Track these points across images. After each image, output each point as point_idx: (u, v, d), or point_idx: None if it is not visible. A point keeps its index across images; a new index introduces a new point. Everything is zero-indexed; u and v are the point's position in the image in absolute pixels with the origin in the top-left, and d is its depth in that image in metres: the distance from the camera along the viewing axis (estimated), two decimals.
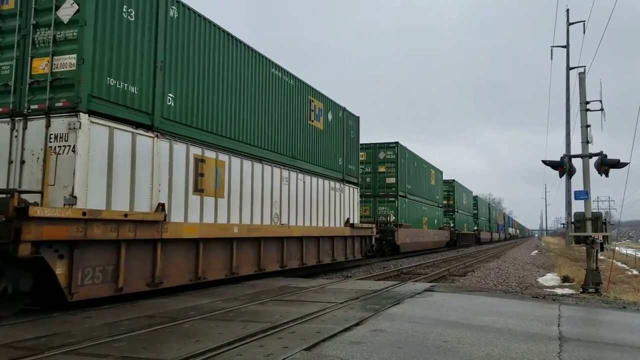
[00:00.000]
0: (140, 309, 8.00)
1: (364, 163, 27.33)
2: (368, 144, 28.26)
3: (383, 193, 27.88)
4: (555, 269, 23.64)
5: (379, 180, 28.10)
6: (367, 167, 27.99)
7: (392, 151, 28.32)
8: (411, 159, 31.15)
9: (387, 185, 27.97)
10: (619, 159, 13.12)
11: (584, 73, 15.02)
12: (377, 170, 28.26)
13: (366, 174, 27.73)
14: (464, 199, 52.34)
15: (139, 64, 9.04)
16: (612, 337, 6.68)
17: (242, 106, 12.36)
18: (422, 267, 21.84)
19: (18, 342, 5.65)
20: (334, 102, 18.09)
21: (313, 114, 16.17)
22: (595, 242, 13.22)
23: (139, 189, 8.89)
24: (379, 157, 28.32)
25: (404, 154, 29.54)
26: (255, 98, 12.94)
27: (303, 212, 15.22)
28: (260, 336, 5.96)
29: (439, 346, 5.61)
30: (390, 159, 28.30)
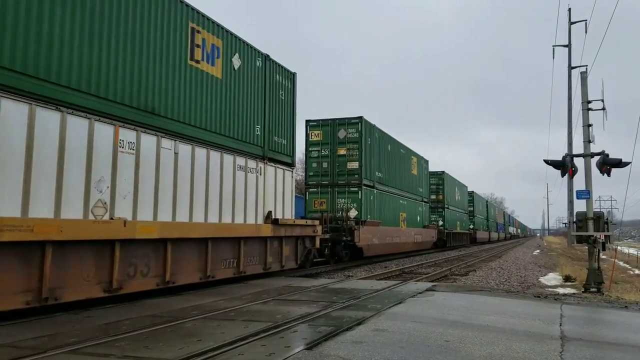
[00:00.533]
0: (142, 308, 8.01)
1: (320, 144, 22.39)
2: (325, 119, 22.60)
3: (343, 182, 21.91)
4: (557, 268, 23.61)
5: (338, 166, 22.20)
6: (323, 149, 22.45)
7: (354, 128, 22.20)
8: (383, 140, 25.00)
9: (349, 172, 22.02)
10: (620, 159, 13.11)
11: (586, 72, 15.00)
12: (336, 153, 22.30)
13: (323, 157, 22.39)
14: (457, 195, 47.08)
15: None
16: (614, 336, 6.67)
17: None
18: (423, 266, 21.83)
19: (20, 341, 5.65)
20: (245, 43, 12.40)
21: (199, 51, 10.68)
22: (597, 241, 13.21)
23: None
24: (338, 136, 22.32)
25: (371, 132, 23.25)
26: None
27: (174, 201, 9.76)
28: (262, 335, 5.96)
29: (440, 346, 5.61)
30: (352, 138, 22.20)
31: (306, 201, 22.71)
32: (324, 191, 22.32)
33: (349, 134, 22.26)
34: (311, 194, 22.56)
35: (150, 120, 9.28)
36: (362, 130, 22.19)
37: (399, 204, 27.57)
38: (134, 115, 8.90)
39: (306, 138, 22.74)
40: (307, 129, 22.78)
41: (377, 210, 23.65)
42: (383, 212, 24.66)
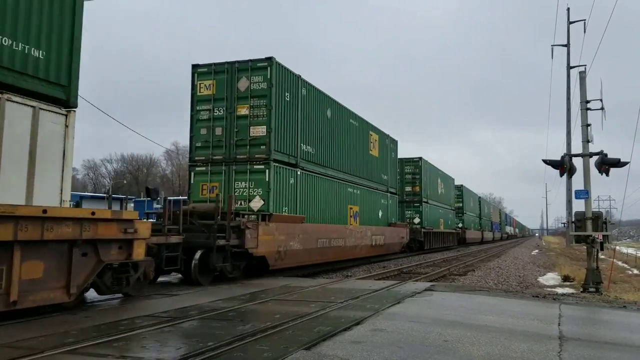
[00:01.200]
0: (140, 308, 8.00)
1: (212, 100, 14.71)
2: (220, 63, 15.02)
3: (243, 157, 14.26)
4: (556, 268, 23.63)
5: (237, 132, 14.43)
6: (217, 107, 14.67)
7: (261, 76, 14.41)
8: (316, 101, 17.15)
9: (252, 142, 14.29)
10: (619, 158, 13.11)
11: (585, 72, 15.01)
12: (235, 113, 14.48)
13: (216, 120, 14.63)
14: (440, 187, 39.14)
15: None
16: (612, 336, 6.67)
17: None
18: (422, 266, 21.83)
19: (18, 341, 5.64)
20: None
21: None
22: (596, 241, 13.21)
23: None
24: (238, 88, 14.56)
25: (290, 84, 15.36)
26: None
27: None
28: (260, 336, 5.95)
29: (439, 345, 5.60)
30: (258, 91, 14.40)
31: (191, 185, 14.98)
32: (217, 170, 14.59)
33: (253, 84, 14.43)
34: (198, 174, 14.80)
35: None
36: (273, 77, 14.26)
37: (347, 193, 19.59)
38: None
39: (192, 92, 15.05)
40: (195, 79, 15.07)
41: (301, 200, 15.72)
42: (315, 203, 16.71)
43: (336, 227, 18.23)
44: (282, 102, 14.79)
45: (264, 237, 13.02)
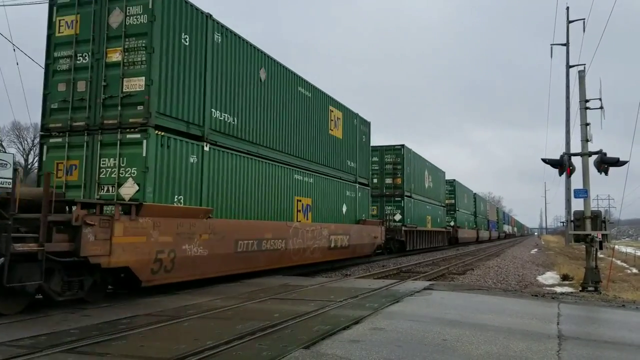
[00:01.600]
0: (139, 307, 7.99)
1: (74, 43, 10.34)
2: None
3: (112, 122, 9.85)
4: (555, 267, 23.65)
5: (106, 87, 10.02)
6: (81, 53, 10.26)
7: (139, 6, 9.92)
8: (239, 53, 12.64)
9: (125, 101, 9.86)
10: (618, 158, 13.12)
11: (584, 71, 15.01)
12: (104, 60, 10.08)
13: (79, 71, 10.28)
14: (428, 181, 34.58)
15: None
16: (611, 335, 6.68)
17: None
18: (421, 265, 21.84)
19: (17, 340, 5.64)
20: None
21: None
22: (595, 240, 13.22)
23: None
24: (109, 24, 10.10)
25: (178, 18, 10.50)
26: None
27: None
28: (259, 335, 5.96)
29: (438, 344, 5.61)
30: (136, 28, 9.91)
31: (42, 164, 10.69)
32: (77, 142, 10.21)
33: (130, 18, 10.12)
34: (53, 148, 10.46)
35: None
36: (156, 9, 9.95)
37: (294, 181, 15.37)
38: None
39: (49, 32, 10.74)
40: (53, 14, 10.75)
41: (211, 187, 11.31)
42: (236, 191, 12.25)
43: (272, 224, 13.71)
44: (176, 47, 10.45)
45: (126, 239, 8.75)
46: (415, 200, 30.96)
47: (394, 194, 28.72)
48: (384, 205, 28.56)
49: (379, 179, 28.62)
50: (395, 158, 29.01)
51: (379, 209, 27.99)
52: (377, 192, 27.74)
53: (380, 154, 28.96)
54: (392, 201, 28.67)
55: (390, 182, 28.82)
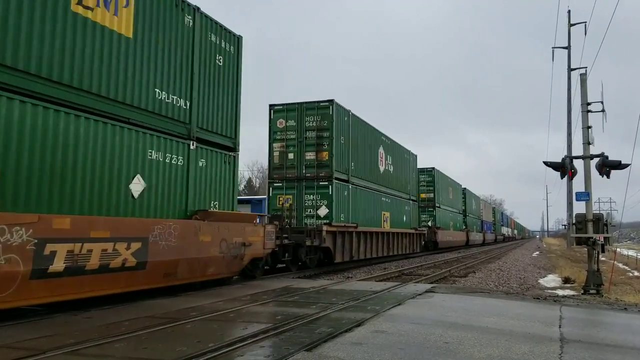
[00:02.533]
0: (141, 309, 8.00)
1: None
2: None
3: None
4: (557, 270, 23.62)
5: None
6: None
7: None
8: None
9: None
10: (620, 161, 13.11)
11: (586, 74, 15.02)
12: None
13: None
14: (385, 164, 24.67)
15: None
16: (613, 338, 6.67)
17: None
18: (423, 268, 21.83)
19: (19, 342, 5.65)
20: None
21: None
22: (597, 243, 13.21)
23: None
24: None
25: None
26: None
27: None
28: (261, 337, 5.96)
29: (440, 347, 5.60)
30: None
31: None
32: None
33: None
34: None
35: None
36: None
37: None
38: None
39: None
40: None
41: None
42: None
43: None
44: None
45: None
46: (360, 188, 21.14)
47: (318, 175, 18.63)
48: (304, 194, 18.78)
49: (297, 152, 19.02)
50: (320, 121, 18.93)
51: (296, 198, 18.77)
52: (294, 173, 18.81)
53: (300, 113, 19.15)
54: (313, 187, 18.72)
55: (311, 157, 18.83)
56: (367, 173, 22.44)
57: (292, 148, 18.92)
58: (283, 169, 18.90)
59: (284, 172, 18.88)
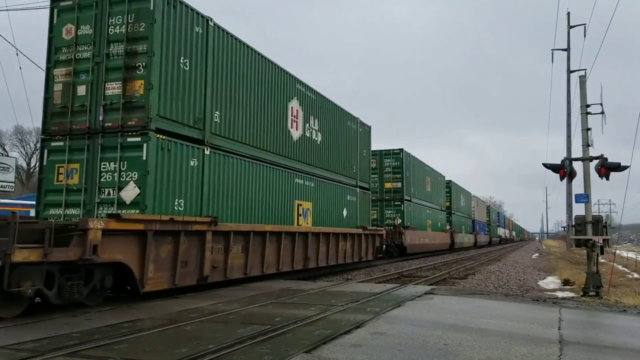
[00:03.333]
0: (142, 311, 8.00)
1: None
2: None
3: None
4: (556, 272, 23.63)
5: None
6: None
7: None
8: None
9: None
10: (619, 162, 13.12)
11: (585, 76, 15.04)
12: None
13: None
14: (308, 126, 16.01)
15: None
16: (612, 340, 6.68)
17: None
18: (422, 269, 21.83)
19: (19, 343, 5.65)
20: None
21: None
22: (596, 245, 13.22)
23: None
24: None
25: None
26: None
27: None
28: (261, 338, 5.96)
29: (439, 349, 5.61)
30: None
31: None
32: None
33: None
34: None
35: None
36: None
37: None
38: None
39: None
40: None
41: None
42: None
43: None
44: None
45: None
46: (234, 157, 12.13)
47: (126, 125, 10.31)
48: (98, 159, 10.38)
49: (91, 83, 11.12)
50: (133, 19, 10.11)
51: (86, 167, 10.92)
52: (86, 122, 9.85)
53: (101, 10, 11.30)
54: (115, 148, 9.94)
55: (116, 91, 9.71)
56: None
57: (84, 76, 10.26)
58: (67, 115, 10.25)
59: (67, 120, 10.24)
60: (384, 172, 29.45)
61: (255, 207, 12.98)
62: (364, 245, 20.61)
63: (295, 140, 15.55)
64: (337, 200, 18.56)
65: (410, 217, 29.88)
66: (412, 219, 30.18)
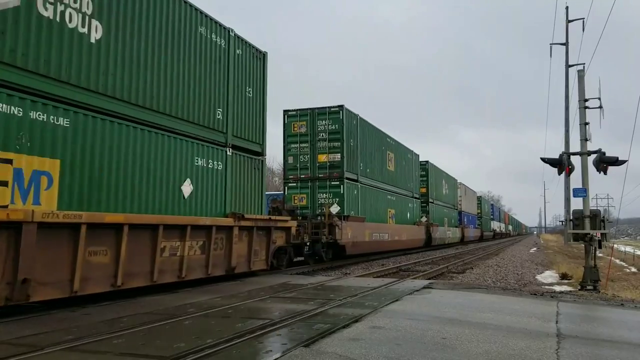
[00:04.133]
0: (139, 305, 8.01)
1: None
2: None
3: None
4: (554, 266, 23.70)
5: None
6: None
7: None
8: None
9: None
10: (617, 157, 13.14)
11: (583, 71, 15.03)
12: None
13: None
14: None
15: None
16: (610, 334, 6.70)
17: None
18: (420, 264, 21.86)
19: (17, 338, 5.65)
20: None
21: None
22: (594, 239, 13.25)
23: None
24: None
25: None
26: None
27: None
28: (259, 333, 5.97)
29: (437, 343, 5.62)
30: None
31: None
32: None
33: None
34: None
35: None
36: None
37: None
38: None
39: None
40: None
41: None
42: None
43: None
44: None
45: None
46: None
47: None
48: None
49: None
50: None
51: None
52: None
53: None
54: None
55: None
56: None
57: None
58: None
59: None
60: (316, 139, 21.08)
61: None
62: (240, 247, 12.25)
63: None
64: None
65: (354, 204, 21.66)
66: (358, 207, 22.10)
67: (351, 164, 21.40)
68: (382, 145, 25.74)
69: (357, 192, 21.99)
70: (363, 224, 21.95)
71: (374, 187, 24.17)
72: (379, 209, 24.79)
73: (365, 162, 23.08)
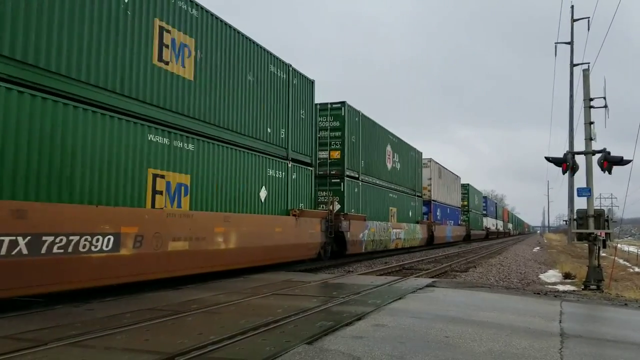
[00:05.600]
0: (143, 301, 8.03)
1: None
2: None
3: None
4: (557, 265, 23.63)
5: None
6: None
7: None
8: None
9: None
10: (622, 156, 13.08)
11: (588, 70, 14.96)
12: None
13: None
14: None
15: None
16: (613, 333, 6.68)
17: None
18: (424, 262, 21.84)
19: (21, 333, 5.67)
20: None
21: None
22: (598, 239, 13.20)
23: None
24: None
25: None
26: None
27: None
28: (262, 330, 5.98)
29: (440, 341, 5.62)
30: None
31: None
32: None
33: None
34: None
35: None
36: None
37: None
38: None
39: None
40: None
41: None
42: None
43: None
44: None
45: None
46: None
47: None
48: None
49: None
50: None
51: None
52: None
53: None
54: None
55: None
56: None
57: None
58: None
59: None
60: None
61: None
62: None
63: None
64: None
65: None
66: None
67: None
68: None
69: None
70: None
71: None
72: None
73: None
